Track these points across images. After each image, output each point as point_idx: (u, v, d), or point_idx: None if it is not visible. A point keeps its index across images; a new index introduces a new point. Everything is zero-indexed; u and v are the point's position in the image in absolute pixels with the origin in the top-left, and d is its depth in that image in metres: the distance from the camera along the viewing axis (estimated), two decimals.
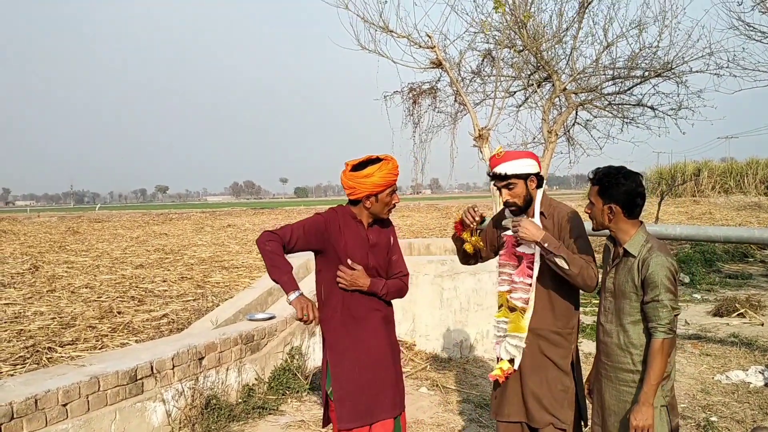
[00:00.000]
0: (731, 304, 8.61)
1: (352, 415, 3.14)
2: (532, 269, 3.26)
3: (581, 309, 9.09)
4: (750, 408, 5.16)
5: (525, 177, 3.26)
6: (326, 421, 3.35)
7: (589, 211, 2.96)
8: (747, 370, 6.00)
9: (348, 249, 3.17)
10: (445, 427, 4.93)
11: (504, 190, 3.29)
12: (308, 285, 5.93)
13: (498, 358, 3.44)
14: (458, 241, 3.52)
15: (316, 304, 3.21)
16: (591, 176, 2.94)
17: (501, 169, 3.24)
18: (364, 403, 3.16)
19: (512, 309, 3.32)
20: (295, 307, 2.97)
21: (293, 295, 2.97)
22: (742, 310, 8.37)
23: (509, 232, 3.30)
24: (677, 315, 2.78)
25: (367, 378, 3.17)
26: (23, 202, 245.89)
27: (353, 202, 3.24)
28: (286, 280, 2.99)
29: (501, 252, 3.44)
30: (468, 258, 3.59)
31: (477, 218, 3.37)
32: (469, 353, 6.78)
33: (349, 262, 3.17)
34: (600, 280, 3.11)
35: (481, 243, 3.47)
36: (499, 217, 3.56)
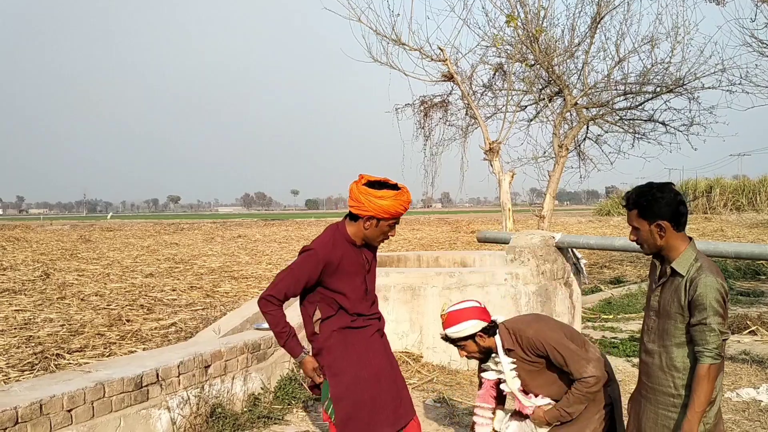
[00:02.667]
0: (742, 321, 8.51)
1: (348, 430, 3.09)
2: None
3: (590, 323, 9.00)
4: (761, 426, 5.09)
5: (471, 337, 3.38)
6: None
7: (635, 238, 2.80)
8: (758, 388, 5.93)
9: (347, 280, 3.10)
10: None
11: (458, 349, 3.49)
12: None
13: None
14: None
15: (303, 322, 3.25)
16: (625, 203, 2.79)
17: (447, 333, 3.43)
18: (365, 420, 3.10)
19: None
20: (303, 369, 3.18)
21: (299, 358, 3.15)
22: (753, 328, 8.28)
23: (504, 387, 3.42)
24: (726, 339, 2.63)
25: (367, 396, 3.12)
26: (37, 210, 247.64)
27: (353, 218, 3.11)
28: (290, 346, 3.13)
29: (479, 392, 3.58)
30: None
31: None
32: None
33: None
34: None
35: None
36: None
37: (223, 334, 5.76)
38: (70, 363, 6.00)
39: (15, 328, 7.49)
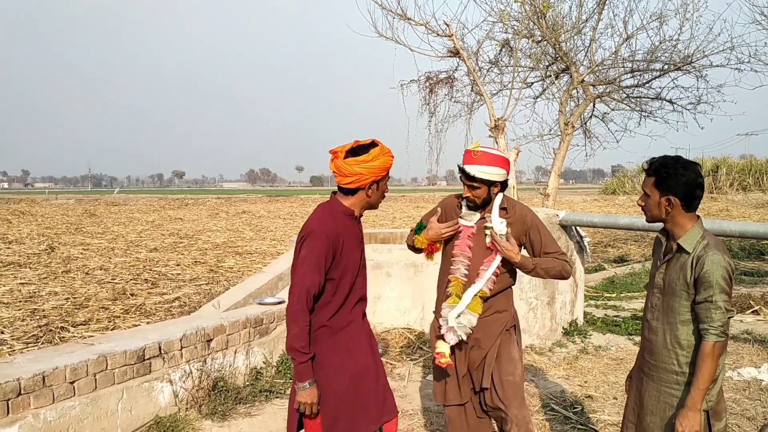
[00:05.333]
0: (745, 301, 8.51)
1: (333, 428, 2.97)
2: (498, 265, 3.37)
3: (592, 302, 8.99)
4: (761, 405, 5.10)
5: (490, 184, 3.30)
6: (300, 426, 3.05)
7: (643, 204, 2.79)
8: (759, 367, 5.94)
9: (347, 255, 2.94)
10: None
11: (466, 187, 3.34)
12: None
13: (440, 343, 3.36)
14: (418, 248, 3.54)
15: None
16: (646, 167, 2.76)
17: (471, 170, 3.27)
18: (348, 416, 2.98)
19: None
20: (299, 397, 2.87)
21: (302, 386, 2.85)
22: (756, 308, 8.28)
23: (487, 236, 3.36)
24: (731, 317, 2.63)
25: (346, 390, 2.96)
26: (42, 184, 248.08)
27: (348, 193, 2.97)
28: (300, 369, 2.84)
29: (456, 241, 3.43)
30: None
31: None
32: None
33: None
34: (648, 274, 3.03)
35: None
36: (450, 204, 3.57)
37: (225, 309, 5.79)
38: (75, 336, 6.04)
39: (20, 301, 7.54)
